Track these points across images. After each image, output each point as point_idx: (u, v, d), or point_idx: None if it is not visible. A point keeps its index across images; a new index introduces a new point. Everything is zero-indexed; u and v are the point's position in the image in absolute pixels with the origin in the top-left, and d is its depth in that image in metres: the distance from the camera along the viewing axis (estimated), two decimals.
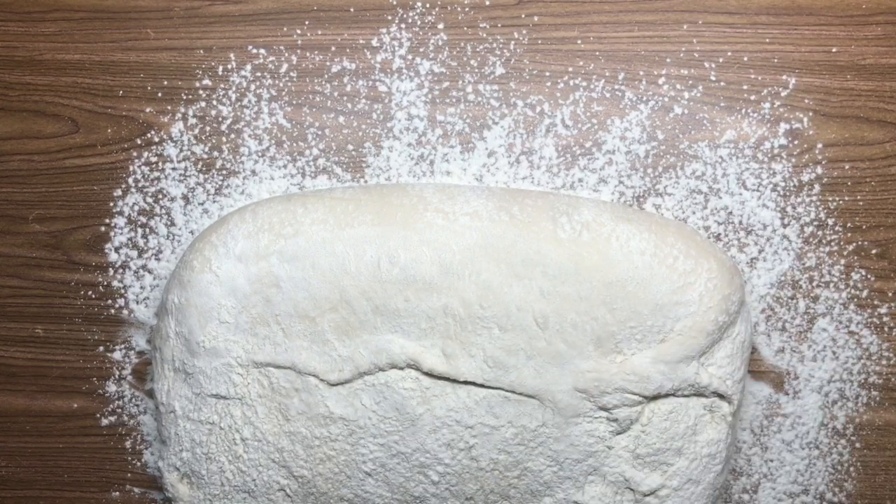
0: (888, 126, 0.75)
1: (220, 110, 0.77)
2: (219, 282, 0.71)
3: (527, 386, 0.69)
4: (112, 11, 0.77)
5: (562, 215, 0.70)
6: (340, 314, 0.70)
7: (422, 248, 0.69)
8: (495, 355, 0.69)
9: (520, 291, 0.69)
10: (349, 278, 0.69)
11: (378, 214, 0.71)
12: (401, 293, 0.69)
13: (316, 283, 0.70)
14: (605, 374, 0.69)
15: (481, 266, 0.69)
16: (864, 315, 0.76)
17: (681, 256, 0.70)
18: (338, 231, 0.70)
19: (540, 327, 0.69)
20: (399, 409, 0.70)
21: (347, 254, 0.70)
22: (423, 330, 0.69)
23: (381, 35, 0.76)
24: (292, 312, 0.70)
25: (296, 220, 0.71)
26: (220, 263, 0.71)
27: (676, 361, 0.69)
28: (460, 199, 0.71)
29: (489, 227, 0.70)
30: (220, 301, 0.71)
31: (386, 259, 0.69)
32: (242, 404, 0.71)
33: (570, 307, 0.69)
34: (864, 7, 0.74)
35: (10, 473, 0.81)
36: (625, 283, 0.69)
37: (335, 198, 0.72)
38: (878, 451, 0.77)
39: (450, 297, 0.69)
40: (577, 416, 0.70)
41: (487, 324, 0.69)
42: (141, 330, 0.79)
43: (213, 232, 0.72)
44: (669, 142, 0.76)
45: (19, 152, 0.78)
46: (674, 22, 0.75)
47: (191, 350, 0.71)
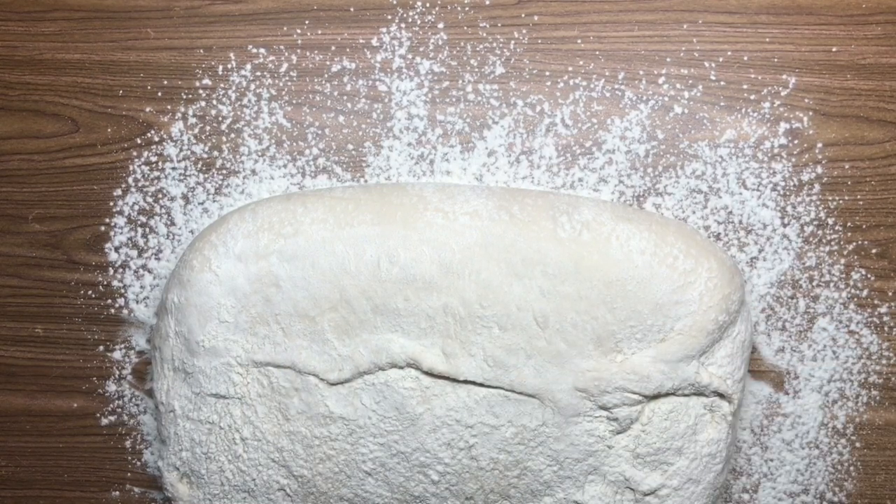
0: (888, 126, 0.75)
1: (220, 110, 0.77)
2: (218, 281, 0.71)
3: (527, 385, 0.69)
4: (112, 11, 0.77)
5: (562, 215, 0.70)
6: (340, 313, 0.70)
7: (422, 247, 0.69)
8: (495, 354, 0.69)
9: (520, 291, 0.69)
10: (349, 278, 0.69)
11: (378, 214, 0.71)
12: (400, 292, 0.69)
13: (316, 283, 0.70)
14: (605, 374, 0.69)
15: (481, 265, 0.69)
16: (864, 315, 0.76)
17: (681, 256, 0.70)
18: (337, 230, 0.70)
19: (540, 326, 0.69)
20: (399, 408, 0.70)
21: (347, 253, 0.70)
22: (422, 329, 0.69)
23: (381, 35, 0.76)
24: (292, 312, 0.70)
25: (295, 220, 0.71)
26: (220, 263, 0.71)
27: (677, 361, 0.69)
28: (460, 198, 0.71)
29: (489, 226, 0.70)
30: (220, 300, 0.71)
31: (386, 258, 0.69)
32: (242, 404, 0.71)
33: (570, 306, 0.69)
34: (864, 7, 0.74)
35: (10, 473, 0.81)
36: (625, 283, 0.69)
37: (335, 197, 0.72)
38: (878, 451, 0.77)
39: (450, 296, 0.69)
40: (578, 415, 0.70)
41: (487, 323, 0.69)
42: (141, 329, 0.79)
43: (212, 231, 0.72)
44: (669, 141, 0.76)
45: (19, 152, 0.78)
46: (674, 22, 0.75)
47: (190, 349, 0.71)
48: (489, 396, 0.70)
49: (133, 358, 0.79)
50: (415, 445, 0.70)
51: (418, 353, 0.69)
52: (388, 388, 0.70)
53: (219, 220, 0.73)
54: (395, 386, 0.70)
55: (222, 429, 0.72)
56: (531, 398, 0.70)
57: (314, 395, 0.70)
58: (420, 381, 0.70)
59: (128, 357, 0.79)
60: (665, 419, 0.70)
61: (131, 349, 0.79)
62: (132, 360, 0.79)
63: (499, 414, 0.70)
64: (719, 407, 0.71)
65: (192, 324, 0.71)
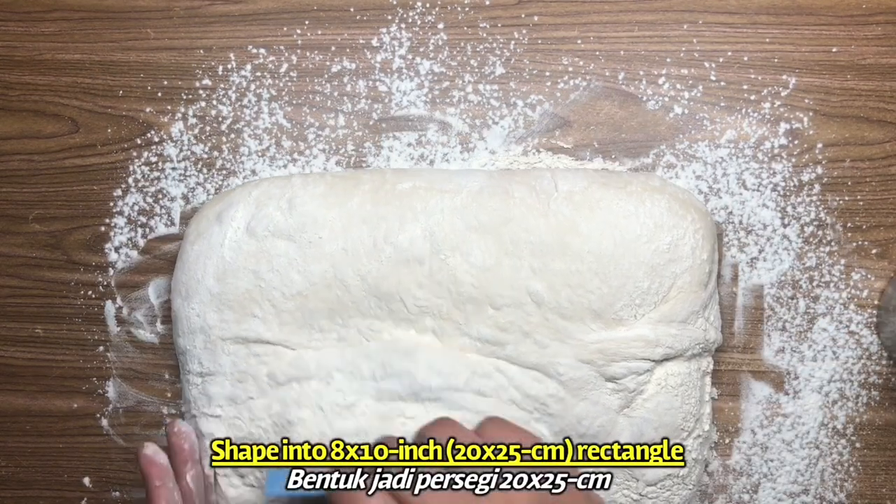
0: (888, 126, 0.75)
1: (220, 110, 0.77)
2: (212, 254, 0.71)
3: (527, 360, 0.68)
4: (112, 11, 0.77)
5: (543, 191, 0.70)
6: (334, 293, 0.69)
7: (415, 227, 0.69)
8: (489, 333, 0.69)
9: (511, 270, 0.68)
10: (344, 256, 0.69)
11: (375, 192, 0.70)
12: (394, 273, 0.69)
13: (312, 261, 0.70)
14: (609, 345, 0.68)
15: (472, 246, 0.69)
16: (865, 315, 0.76)
17: (665, 213, 0.69)
18: (337, 208, 0.70)
19: (536, 304, 0.68)
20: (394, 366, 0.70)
21: (345, 230, 0.70)
22: (415, 312, 0.69)
23: (381, 35, 0.76)
24: (285, 290, 0.70)
25: (294, 196, 0.71)
26: (221, 236, 0.71)
27: (682, 320, 0.68)
28: (455, 179, 0.71)
29: (480, 207, 0.69)
30: (209, 274, 0.71)
31: (381, 237, 0.69)
32: (231, 380, 0.71)
33: (562, 282, 0.68)
34: (864, 7, 0.74)
35: (10, 473, 0.81)
36: (614, 250, 0.68)
37: (335, 175, 0.72)
38: (878, 451, 0.77)
39: (442, 276, 0.69)
40: (583, 388, 0.68)
41: (480, 304, 0.68)
42: (141, 329, 0.79)
43: (213, 205, 0.73)
44: (669, 141, 0.76)
45: (19, 152, 0.78)
46: (674, 22, 0.75)
47: (180, 327, 0.72)
48: (489, 363, 0.69)
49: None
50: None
51: (412, 336, 0.69)
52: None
53: (218, 196, 0.74)
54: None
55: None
56: (533, 370, 0.69)
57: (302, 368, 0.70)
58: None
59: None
60: (675, 395, 0.69)
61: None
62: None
63: (501, 379, 0.69)
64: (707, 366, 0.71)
65: (181, 298, 0.72)
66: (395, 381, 0.69)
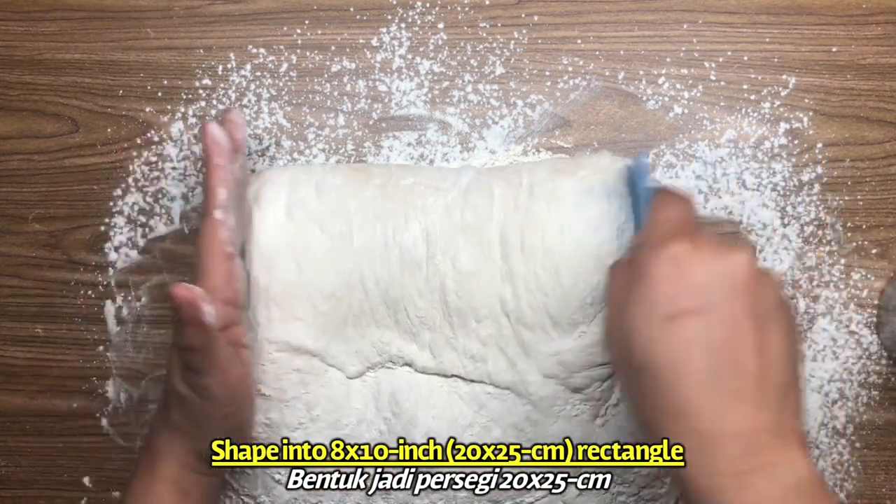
0: (888, 126, 0.75)
1: (220, 110, 0.77)
2: (258, 241, 0.67)
3: (502, 379, 0.66)
4: (112, 11, 0.77)
5: (516, 186, 0.67)
6: (358, 297, 0.66)
7: (415, 226, 0.67)
8: (472, 348, 0.66)
9: (487, 277, 0.65)
10: (365, 255, 0.66)
11: (384, 187, 0.68)
12: (400, 278, 0.66)
13: (342, 258, 0.66)
14: (567, 356, 0.64)
15: (458, 250, 0.66)
16: (865, 315, 0.76)
17: (613, 194, 0.63)
18: (355, 198, 0.66)
19: (506, 314, 0.65)
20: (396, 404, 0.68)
21: (364, 226, 0.66)
22: (419, 319, 0.67)
23: (381, 35, 0.76)
24: (322, 289, 0.66)
25: (321, 181, 0.67)
26: (262, 219, 0.67)
27: None
28: (450, 176, 0.69)
29: (467, 204, 0.66)
30: (255, 262, 0.67)
31: (391, 237, 0.66)
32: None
33: (523, 286, 0.64)
34: (864, 7, 0.74)
35: (10, 473, 0.81)
36: (562, 244, 0.62)
37: (349, 167, 0.70)
38: (878, 451, 0.77)
39: (435, 283, 0.66)
40: (554, 405, 0.65)
41: (464, 315, 0.66)
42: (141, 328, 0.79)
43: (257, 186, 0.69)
44: (669, 141, 0.76)
45: (19, 152, 0.78)
46: (674, 22, 0.75)
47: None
48: (472, 392, 0.67)
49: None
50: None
51: (414, 352, 0.68)
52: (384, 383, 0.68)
53: (261, 178, 0.70)
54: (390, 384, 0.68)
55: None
56: (508, 392, 0.66)
57: (336, 389, 0.68)
58: (416, 378, 0.68)
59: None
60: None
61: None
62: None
63: (484, 414, 0.66)
64: None
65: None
66: (398, 422, 0.66)
